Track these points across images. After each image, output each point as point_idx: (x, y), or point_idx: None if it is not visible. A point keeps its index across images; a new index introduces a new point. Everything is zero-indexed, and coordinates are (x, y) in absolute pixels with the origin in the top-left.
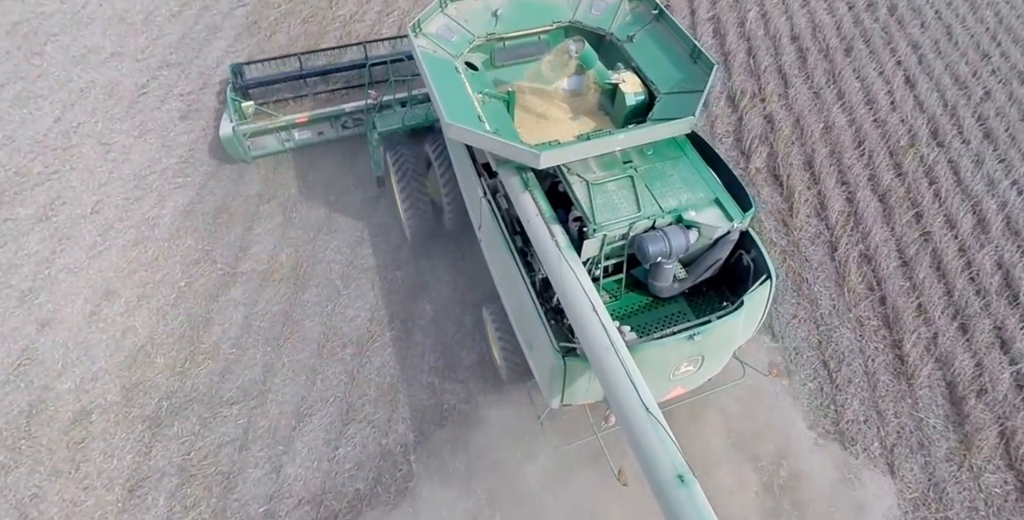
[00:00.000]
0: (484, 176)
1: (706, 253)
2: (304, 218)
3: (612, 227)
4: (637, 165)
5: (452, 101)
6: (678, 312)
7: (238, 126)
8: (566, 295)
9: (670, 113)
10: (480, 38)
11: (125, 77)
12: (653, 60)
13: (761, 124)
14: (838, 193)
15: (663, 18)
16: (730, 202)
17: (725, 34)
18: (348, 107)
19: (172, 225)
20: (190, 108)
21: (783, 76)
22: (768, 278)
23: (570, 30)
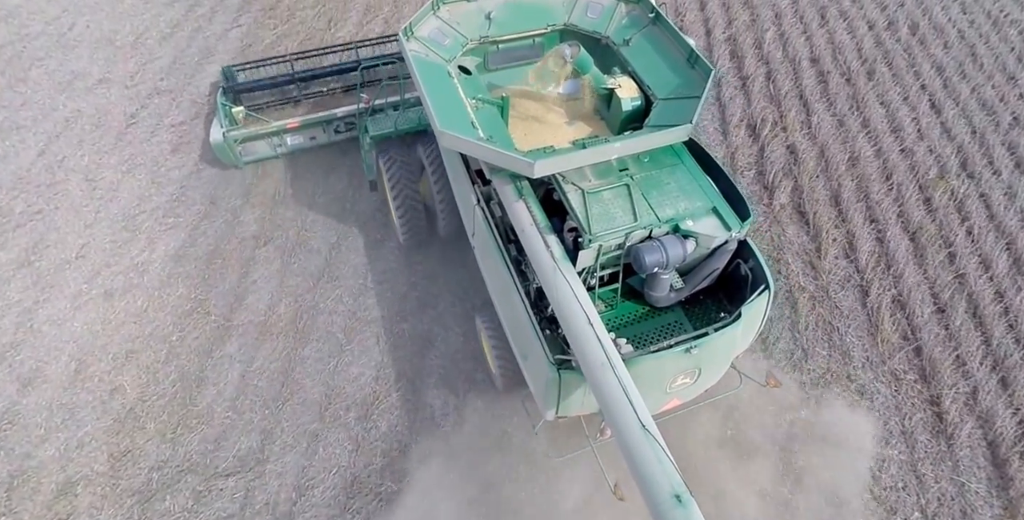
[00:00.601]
0: (478, 183)
1: (703, 263)
2: (303, 264)
3: (608, 237)
4: (633, 173)
5: (444, 107)
6: (675, 322)
7: (228, 132)
8: (561, 307)
9: (667, 120)
10: (473, 41)
11: (113, 105)
12: (650, 65)
13: (784, 155)
14: (867, 232)
15: (660, 22)
16: (728, 211)
17: (743, 57)
18: (340, 111)
19: (162, 271)
20: (181, 140)
21: (804, 102)
22: (766, 288)
23: (565, 33)
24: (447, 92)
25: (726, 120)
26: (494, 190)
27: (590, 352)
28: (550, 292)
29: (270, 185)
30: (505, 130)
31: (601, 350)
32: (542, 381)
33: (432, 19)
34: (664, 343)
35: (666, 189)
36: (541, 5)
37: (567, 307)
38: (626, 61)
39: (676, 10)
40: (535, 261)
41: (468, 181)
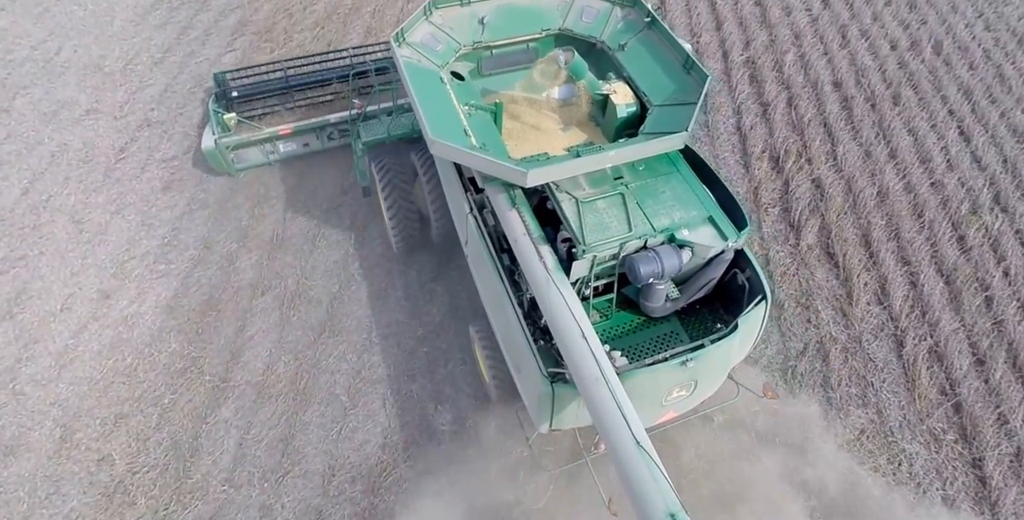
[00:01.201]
0: (471, 191)
1: (700, 272)
2: (303, 316)
3: (602, 248)
4: (628, 181)
5: (436, 115)
6: (671, 332)
7: (220, 139)
8: (554, 320)
9: (662, 127)
10: (466, 47)
11: (101, 138)
12: (645, 70)
13: (810, 190)
14: (900, 274)
15: (655, 26)
16: (724, 220)
17: (763, 81)
18: (333, 118)
19: (153, 325)
20: (173, 177)
21: (829, 130)
22: (763, 299)
23: (560, 38)
24: (439, 99)
25: (747, 151)
26: (487, 198)
27: (584, 366)
28: (543, 304)
29: (267, 227)
30: (498, 137)
31: (595, 364)
32: (535, 394)
33: (424, 24)
34: (659, 356)
35: (661, 198)
36: (535, 9)
37: (560, 320)
38: (621, 66)
39: (691, 31)
40: (528, 272)
41: (461, 189)
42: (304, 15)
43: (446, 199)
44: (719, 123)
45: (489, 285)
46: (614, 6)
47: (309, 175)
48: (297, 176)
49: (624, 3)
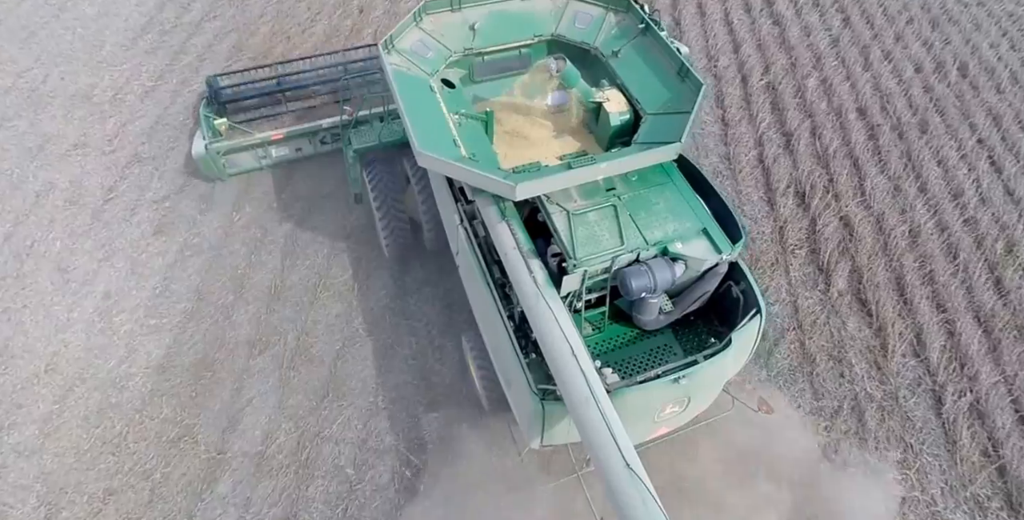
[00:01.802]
0: (461, 201)
1: (693, 285)
2: (304, 378)
3: (593, 262)
4: (620, 193)
5: (425, 125)
6: (664, 345)
7: (211, 144)
8: (544, 337)
9: (656, 136)
10: (457, 53)
11: (89, 176)
12: (639, 77)
13: (838, 230)
14: (936, 322)
15: (649, 32)
16: (718, 233)
17: (784, 108)
18: (326, 122)
19: (144, 387)
20: (165, 219)
21: (855, 162)
22: (758, 313)
23: (553, 44)
24: (428, 108)
25: (772, 186)
26: (477, 209)
27: (573, 385)
28: (533, 320)
29: (265, 276)
30: (489, 146)
31: (584, 384)
32: (526, 411)
33: (414, 31)
34: (652, 373)
35: (654, 209)
36: (527, 15)
37: (550, 337)
38: (615, 73)
39: (708, 54)
40: (518, 286)
41: (451, 199)
42: (303, 39)
43: (438, 207)
44: (741, 155)
45: (479, 297)
46: (608, 11)
47: (311, 217)
48: (297, 220)
49: (618, 8)
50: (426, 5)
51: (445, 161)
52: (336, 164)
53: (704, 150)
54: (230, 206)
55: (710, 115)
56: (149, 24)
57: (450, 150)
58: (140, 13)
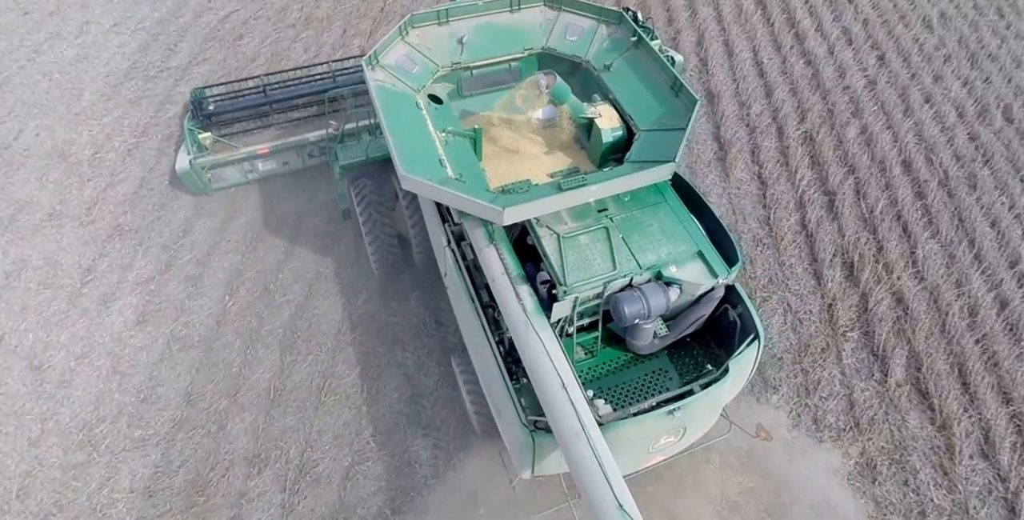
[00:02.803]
0: (449, 221)
1: (689, 309)
2: (312, 504)
3: (584, 288)
4: (613, 214)
5: (410, 145)
6: (660, 369)
7: (195, 159)
8: (533, 369)
9: (650, 154)
10: (445, 68)
11: (65, 253)
12: (632, 92)
13: (892, 308)
14: (1003, 416)
15: (642, 45)
16: (714, 256)
17: (824, 163)
18: (312, 136)
19: (128, 515)
20: (149, 305)
21: (904, 226)
22: (756, 338)
23: (543, 57)
24: (414, 126)
25: (817, 257)
26: (465, 230)
27: (563, 420)
28: (521, 350)
29: (263, 374)
30: (477, 165)
31: (575, 418)
32: (516, 442)
33: (400, 45)
34: (646, 404)
35: (648, 231)
36: (517, 28)
37: (539, 368)
38: (607, 88)
39: (740, 101)
40: (506, 313)
41: (438, 219)
42: None
43: (427, 226)
44: (781, 220)
45: (468, 322)
46: (599, 23)
47: (312, 300)
48: (297, 304)
49: (610, 21)
50: (412, 18)
51: (430, 184)
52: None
53: (741, 213)
54: (222, 289)
55: (745, 172)
56: (132, 69)
57: (436, 171)
58: (122, 56)
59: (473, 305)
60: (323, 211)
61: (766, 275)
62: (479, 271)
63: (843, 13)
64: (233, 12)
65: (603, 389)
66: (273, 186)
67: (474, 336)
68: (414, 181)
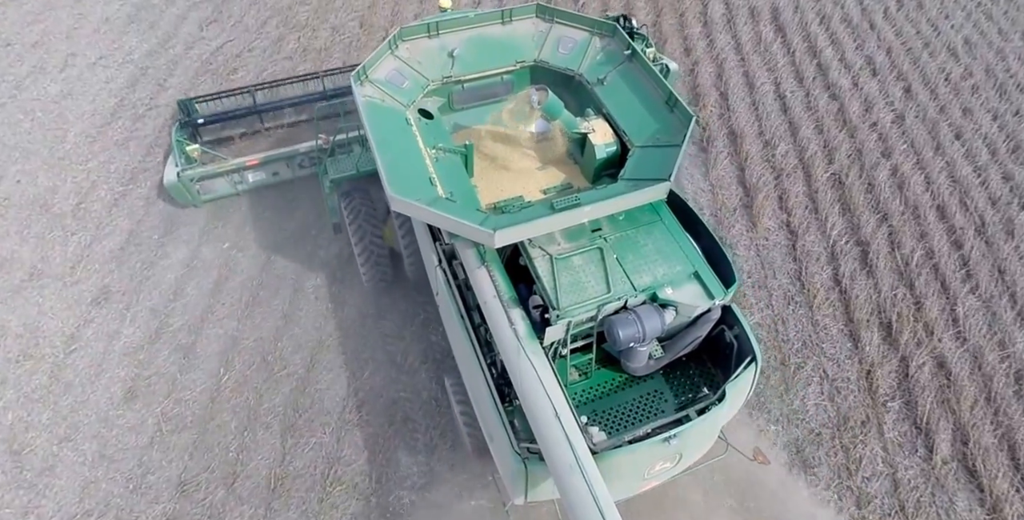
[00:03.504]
0: (440, 240)
1: (685, 331)
2: None
3: (578, 311)
4: (607, 233)
5: (398, 164)
6: (655, 391)
7: (183, 171)
8: (525, 396)
9: (644, 171)
10: (436, 82)
11: (47, 318)
12: (626, 107)
13: (933, 373)
14: None
15: (636, 59)
16: (711, 277)
17: (855, 209)
18: (303, 147)
19: None
20: (138, 380)
21: (943, 280)
22: (753, 360)
23: (535, 70)
24: (403, 144)
25: (852, 316)
26: (457, 249)
27: (556, 450)
28: (513, 376)
29: (262, 462)
30: (468, 183)
31: (569, 449)
32: (508, 470)
33: (389, 59)
34: (641, 431)
35: (643, 252)
36: (509, 40)
37: (532, 396)
38: (600, 102)
39: (764, 140)
40: (498, 338)
41: (429, 238)
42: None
43: (418, 243)
44: (814, 274)
45: (460, 344)
46: (592, 36)
47: (314, 373)
48: (298, 378)
49: (603, 33)
50: (402, 31)
51: (419, 206)
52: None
53: (771, 267)
54: (216, 360)
55: (773, 220)
56: (119, 107)
57: (425, 190)
58: (109, 92)
59: (465, 326)
60: (324, 269)
61: (799, 338)
62: (471, 291)
63: (865, 40)
64: (227, 43)
65: (597, 412)
66: (266, 223)
67: (466, 358)
68: (403, 202)
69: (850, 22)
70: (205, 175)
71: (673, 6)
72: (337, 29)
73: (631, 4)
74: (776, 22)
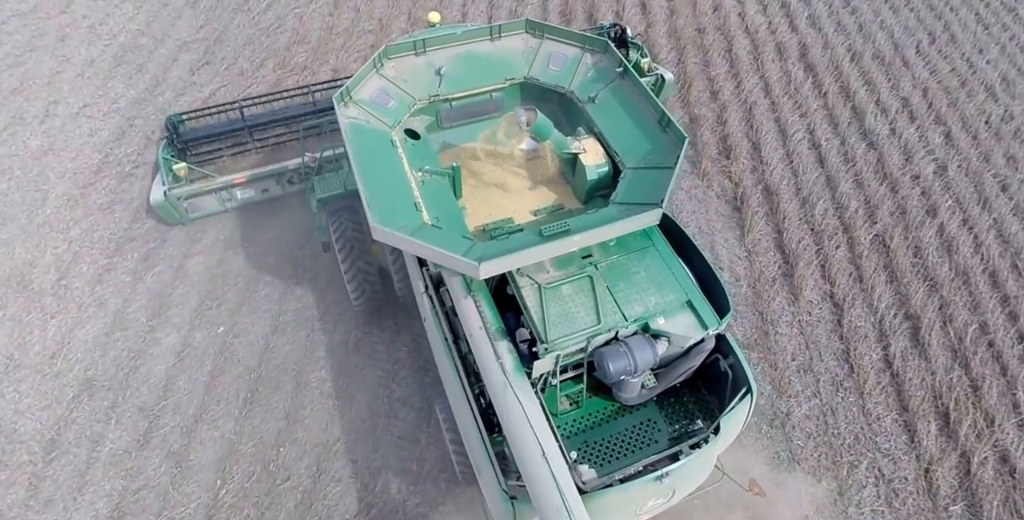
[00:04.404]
0: (427, 265)
1: (677, 361)
2: None
3: (567, 344)
4: (598, 260)
5: (382, 192)
6: (648, 420)
7: (170, 190)
8: (512, 435)
9: (636, 195)
10: (423, 101)
11: (24, 418)
12: (617, 126)
13: (998, 472)
14: None
15: (628, 76)
16: (704, 306)
17: (903, 276)
18: (291, 163)
19: None
20: (125, 493)
21: (999, 358)
22: (748, 392)
23: (525, 87)
24: (388, 168)
25: (907, 404)
26: (444, 276)
27: (543, 492)
28: (500, 412)
29: None
30: (455, 206)
31: (556, 491)
32: (496, 508)
33: (374, 79)
34: (632, 469)
35: (635, 279)
36: (498, 57)
37: (519, 435)
38: (592, 120)
39: (802, 198)
40: (484, 371)
41: (416, 262)
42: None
43: (407, 267)
44: (863, 355)
45: (447, 374)
46: (584, 52)
47: (320, 489)
48: (303, 491)
49: (595, 49)
50: (387, 49)
51: (401, 237)
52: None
53: (816, 347)
54: (213, 470)
55: (815, 292)
56: (104, 164)
57: (411, 216)
58: (93, 147)
59: (452, 356)
60: (328, 360)
61: (851, 431)
62: (459, 317)
63: (900, 79)
64: (220, 88)
65: (589, 443)
66: (262, 302)
67: (453, 388)
68: (385, 232)
69: (882, 59)
70: (192, 193)
71: (696, 43)
72: (339, 71)
73: (653, 46)
74: (805, 60)
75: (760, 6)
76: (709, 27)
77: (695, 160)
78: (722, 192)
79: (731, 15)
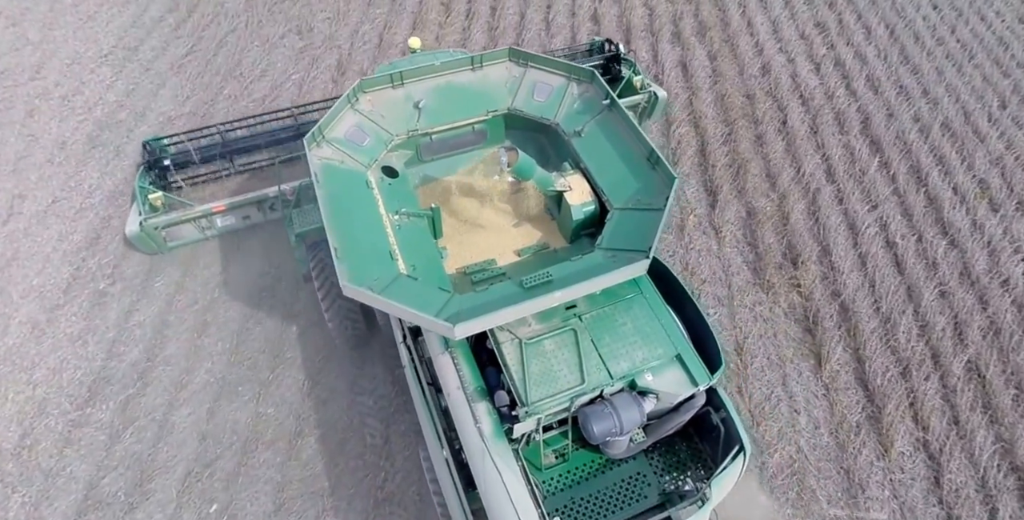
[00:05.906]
0: None
1: (666, 416)
2: None
3: (548, 406)
4: (582, 312)
5: (354, 242)
6: (637, 474)
7: (146, 220)
8: (490, 506)
9: (623, 241)
10: (400, 136)
11: None
12: (604, 163)
13: None
14: None
15: (615, 109)
16: (695, 360)
17: (1004, 416)
18: (271, 191)
19: None
20: None
21: None
22: (741, 450)
23: (508, 118)
24: (362, 215)
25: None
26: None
27: None
28: (478, 479)
29: None
30: (434, 250)
31: None
32: None
33: (349, 115)
34: None
35: (621, 332)
36: (480, 88)
37: (496, 506)
38: (577, 156)
39: (882, 316)
40: (462, 434)
41: None
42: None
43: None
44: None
45: (426, 425)
46: (570, 82)
47: None
48: None
49: (581, 79)
50: (362, 83)
51: (372, 295)
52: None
53: (912, 512)
54: None
55: (907, 440)
56: (75, 279)
57: (385, 266)
58: (63, 255)
59: (429, 409)
60: None
61: None
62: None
63: (974, 154)
64: None
65: (574, 499)
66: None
67: (432, 444)
68: (355, 291)
69: (953, 131)
70: (169, 223)
71: (746, 114)
72: None
73: (700, 119)
74: (868, 132)
75: (812, 65)
76: (759, 92)
77: (757, 267)
78: (791, 309)
79: (782, 77)
